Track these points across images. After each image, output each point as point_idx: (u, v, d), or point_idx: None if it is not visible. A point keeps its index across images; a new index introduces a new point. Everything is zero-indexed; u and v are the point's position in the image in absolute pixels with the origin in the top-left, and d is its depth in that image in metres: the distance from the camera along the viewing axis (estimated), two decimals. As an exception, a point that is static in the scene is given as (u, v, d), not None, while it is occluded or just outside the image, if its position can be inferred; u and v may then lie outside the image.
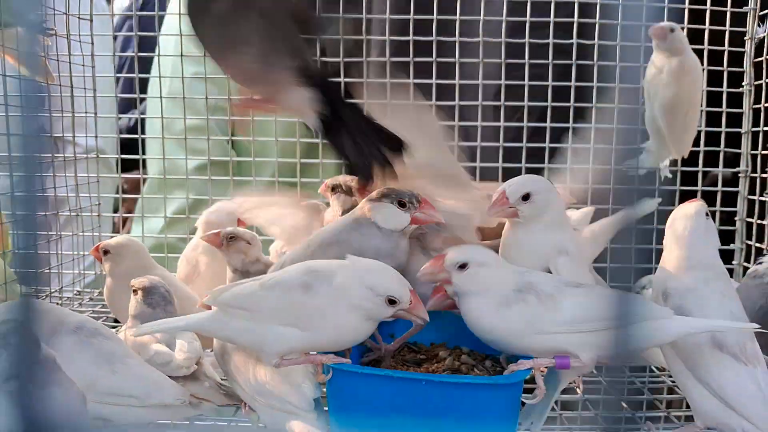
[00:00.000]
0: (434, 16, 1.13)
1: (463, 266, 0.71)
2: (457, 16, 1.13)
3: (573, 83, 1.13)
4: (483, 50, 1.14)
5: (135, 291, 0.85)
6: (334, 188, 0.93)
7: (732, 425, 0.66)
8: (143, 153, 1.21)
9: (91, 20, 1.17)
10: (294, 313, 0.68)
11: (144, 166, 1.24)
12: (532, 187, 0.75)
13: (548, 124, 1.14)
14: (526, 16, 1.12)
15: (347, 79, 1.17)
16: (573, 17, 1.12)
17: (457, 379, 0.71)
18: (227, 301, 0.70)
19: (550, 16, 1.12)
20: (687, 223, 0.74)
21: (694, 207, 0.75)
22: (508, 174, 0.93)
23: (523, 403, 0.72)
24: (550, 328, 0.68)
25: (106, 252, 0.95)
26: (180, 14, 1.16)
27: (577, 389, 0.86)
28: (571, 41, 1.12)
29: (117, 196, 1.29)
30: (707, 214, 0.75)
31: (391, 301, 0.67)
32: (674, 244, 0.74)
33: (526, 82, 1.13)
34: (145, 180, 1.32)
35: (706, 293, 0.70)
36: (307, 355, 0.70)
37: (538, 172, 1.15)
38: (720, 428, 0.68)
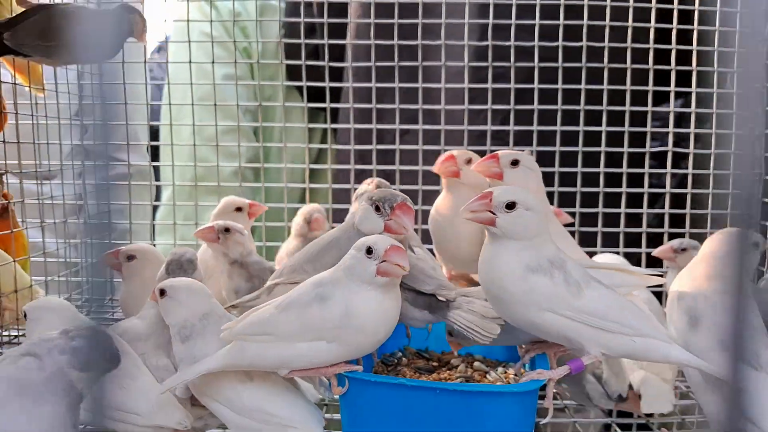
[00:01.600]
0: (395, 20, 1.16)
1: (511, 206, 0.67)
2: (419, 20, 1.16)
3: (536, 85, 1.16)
4: (448, 54, 1.17)
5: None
6: None
7: (746, 432, 0.66)
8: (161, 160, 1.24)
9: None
10: (318, 327, 0.67)
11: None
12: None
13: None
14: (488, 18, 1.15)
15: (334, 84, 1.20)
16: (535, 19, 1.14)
17: (471, 387, 0.71)
18: (245, 331, 0.70)
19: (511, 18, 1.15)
20: (728, 248, 0.71)
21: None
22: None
23: (539, 412, 0.72)
24: (565, 311, 0.67)
25: (130, 257, 0.92)
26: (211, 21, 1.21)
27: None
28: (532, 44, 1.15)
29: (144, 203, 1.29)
30: (756, 244, 0.74)
31: (369, 251, 0.66)
32: (707, 262, 0.73)
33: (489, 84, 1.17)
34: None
35: (720, 302, 0.69)
36: (318, 369, 0.69)
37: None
38: (735, 435, 0.67)
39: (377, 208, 0.74)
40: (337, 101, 1.28)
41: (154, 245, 1.17)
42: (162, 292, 0.76)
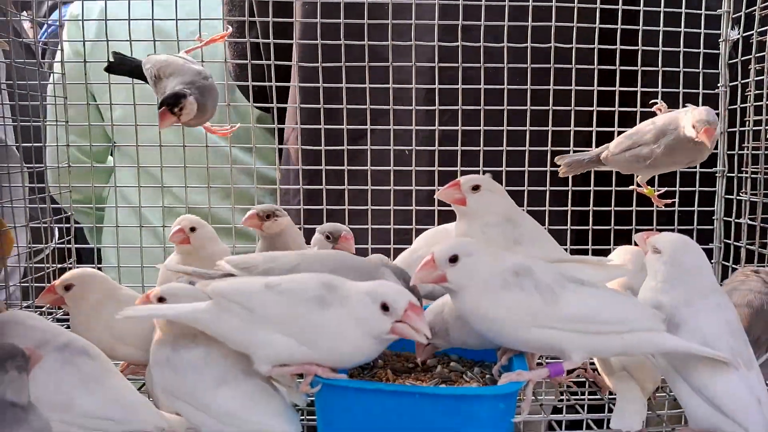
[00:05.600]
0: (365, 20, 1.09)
1: (454, 259, 0.68)
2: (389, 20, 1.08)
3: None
4: (416, 54, 1.10)
5: None
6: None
7: (725, 430, 0.66)
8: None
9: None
10: (301, 327, 0.65)
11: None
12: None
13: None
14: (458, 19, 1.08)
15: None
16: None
17: (451, 391, 0.70)
18: (228, 294, 0.67)
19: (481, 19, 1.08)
20: (685, 252, 0.73)
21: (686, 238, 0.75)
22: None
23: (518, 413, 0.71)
24: (548, 323, 0.66)
25: (68, 287, 0.86)
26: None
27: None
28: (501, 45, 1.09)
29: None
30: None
31: (384, 307, 0.65)
32: (667, 272, 0.73)
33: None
34: None
35: (700, 305, 0.70)
36: (302, 365, 0.67)
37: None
38: (713, 433, 0.67)
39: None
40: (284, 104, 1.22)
41: None
42: (160, 300, 0.71)
